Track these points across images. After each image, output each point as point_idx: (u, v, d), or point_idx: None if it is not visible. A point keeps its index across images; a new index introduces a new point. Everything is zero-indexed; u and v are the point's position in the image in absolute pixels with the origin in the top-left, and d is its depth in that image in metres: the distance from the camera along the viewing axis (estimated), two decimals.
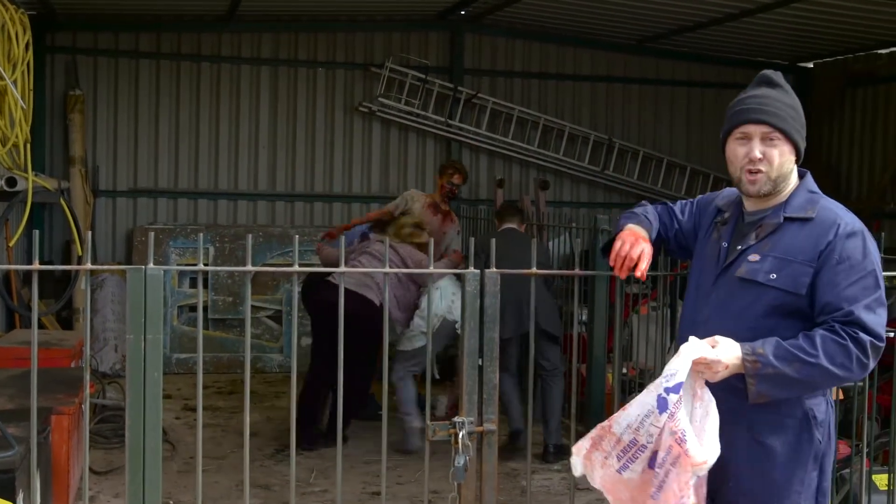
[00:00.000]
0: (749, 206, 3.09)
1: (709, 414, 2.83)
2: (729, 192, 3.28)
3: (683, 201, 3.40)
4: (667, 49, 11.51)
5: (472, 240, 3.56)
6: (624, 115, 11.76)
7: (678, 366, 2.78)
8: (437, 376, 6.73)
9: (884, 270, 3.02)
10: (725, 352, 2.84)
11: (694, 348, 2.82)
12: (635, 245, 3.12)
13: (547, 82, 11.50)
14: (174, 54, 10.48)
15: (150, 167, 10.49)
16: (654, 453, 2.81)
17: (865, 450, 4.49)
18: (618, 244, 3.15)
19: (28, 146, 7.60)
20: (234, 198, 10.72)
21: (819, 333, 2.84)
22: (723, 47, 11.29)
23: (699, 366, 2.83)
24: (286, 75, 10.79)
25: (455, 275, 6.73)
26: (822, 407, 3.01)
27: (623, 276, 3.12)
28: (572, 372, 3.87)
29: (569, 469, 3.85)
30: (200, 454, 3.32)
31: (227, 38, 10.61)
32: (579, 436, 3.25)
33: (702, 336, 2.98)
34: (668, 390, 2.75)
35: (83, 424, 3.48)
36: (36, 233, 3.16)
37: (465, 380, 3.31)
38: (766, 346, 2.84)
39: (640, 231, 3.21)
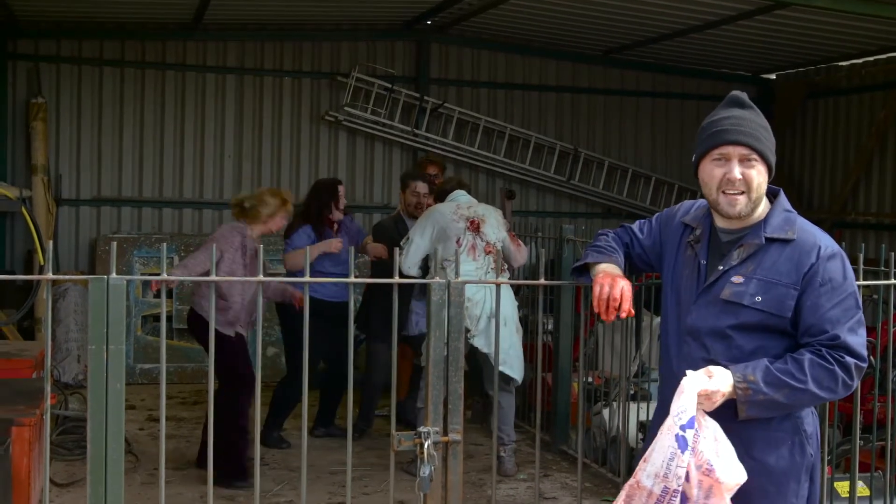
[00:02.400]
0: (722, 223, 3.09)
1: (718, 439, 2.87)
2: (690, 206, 3.29)
3: (642, 220, 3.43)
4: (632, 60, 11.60)
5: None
6: (589, 126, 11.83)
7: (686, 402, 2.82)
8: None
9: None
10: (721, 381, 2.90)
11: (695, 382, 2.87)
12: (614, 286, 3.13)
13: (513, 92, 11.54)
14: (138, 62, 10.41)
15: (113, 176, 10.41)
16: (683, 493, 2.82)
17: (827, 457, 4.54)
18: (597, 289, 3.16)
19: None
20: (200, 207, 10.65)
21: (807, 358, 2.89)
22: (687, 58, 11.40)
23: (700, 398, 2.88)
24: (252, 84, 10.76)
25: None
26: (810, 419, 3.06)
27: (610, 318, 3.14)
28: (537, 381, 3.87)
29: (533, 478, 3.85)
30: (164, 465, 3.29)
31: (192, 46, 10.56)
32: (544, 444, 3.24)
33: (686, 352, 3.03)
34: (683, 427, 2.79)
35: (44, 436, 3.44)
36: None
37: (431, 389, 3.31)
38: (757, 373, 2.89)
39: (613, 270, 3.22)
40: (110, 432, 3.04)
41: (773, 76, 12.08)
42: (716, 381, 2.89)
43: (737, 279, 2.99)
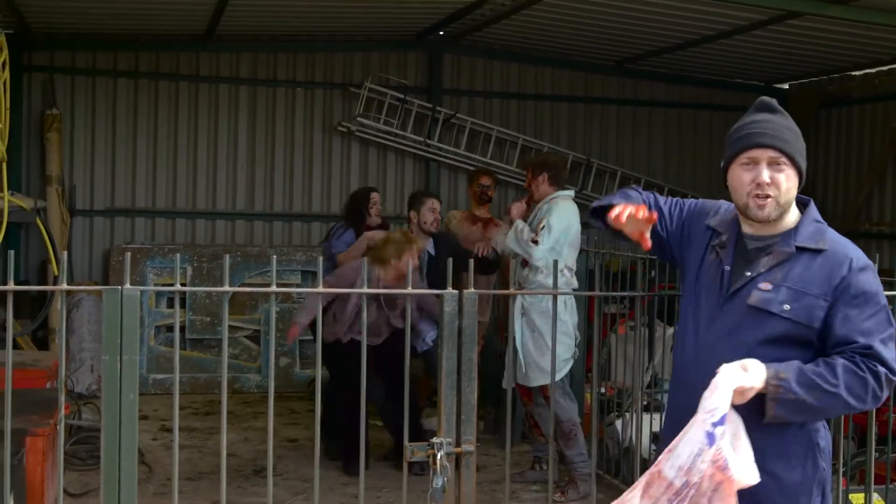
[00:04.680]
0: (749, 229, 3.03)
1: (739, 436, 2.80)
2: (717, 207, 3.21)
3: (670, 200, 3.29)
4: (645, 70, 11.59)
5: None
6: (602, 136, 11.82)
7: (720, 399, 2.74)
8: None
9: None
10: (756, 377, 2.82)
11: (731, 377, 2.78)
12: (630, 205, 3.01)
13: (525, 102, 11.54)
14: (152, 73, 10.46)
15: (127, 186, 10.45)
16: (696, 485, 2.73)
17: (842, 469, 4.51)
18: (616, 209, 3.04)
19: (4, 165, 7.55)
20: (213, 217, 10.69)
21: (840, 363, 2.84)
22: (700, 68, 11.38)
23: (734, 394, 2.79)
24: (265, 95, 10.79)
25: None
26: (823, 433, 3.01)
27: (623, 217, 2.97)
28: (552, 392, 3.87)
29: (546, 490, 3.84)
30: (177, 476, 3.29)
31: (205, 58, 10.60)
32: (556, 455, 3.23)
33: (707, 360, 2.94)
34: (714, 424, 2.71)
35: (58, 446, 3.45)
36: (11, 253, 3.14)
37: (444, 400, 3.31)
38: (790, 372, 2.82)
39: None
40: (124, 443, 3.04)
41: (786, 86, 12.06)
42: (751, 376, 2.80)
43: (765, 286, 2.93)
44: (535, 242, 6.31)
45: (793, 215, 3.02)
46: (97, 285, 9.88)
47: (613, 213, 3.02)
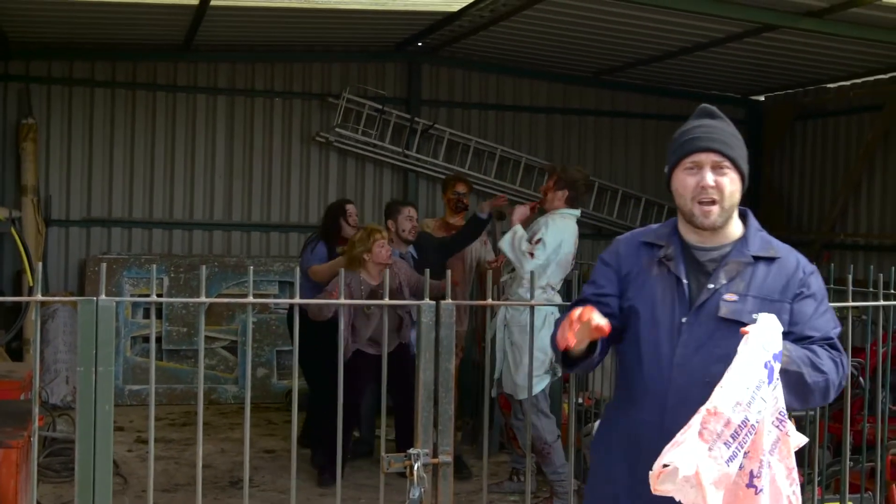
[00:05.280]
0: (694, 238, 3.02)
1: None
2: (640, 231, 3.18)
3: (593, 281, 3.14)
4: (622, 81, 11.65)
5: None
6: (580, 147, 11.86)
7: (773, 336, 2.56)
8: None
9: (836, 301, 3.11)
10: None
11: (775, 322, 2.65)
12: (573, 312, 2.87)
13: (504, 113, 11.58)
14: (129, 83, 10.42)
15: (104, 196, 10.40)
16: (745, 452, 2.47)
17: (817, 478, 4.53)
18: (560, 341, 2.92)
19: None
20: (190, 227, 10.65)
21: (815, 347, 2.87)
22: (677, 80, 11.46)
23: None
24: (242, 105, 10.77)
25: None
26: None
27: (571, 341, 2.85)
28: (528, 402, 3.88)
29: (524, 500, 3.84)
30: (152, 488, 3.27)
31: (183, 68, 10.58)
32: (533, 465, 3.23)
33: (677, 375, 2.88)
34: (775, 357, 2.52)
35: (32, 458, 3.42)
36: None
37: (421, 411, 3.31)
38: (789, 345, 2.80)
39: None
40: (98, 454, 3.02)
41: (763, 98, 12.15)
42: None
43: (730, 297, 2.93)
44: (531, 255, 6.23)
45: (737, 224, 3.05)
46: (73, 296, 9.81)
47: (562, 345, 2.89)
